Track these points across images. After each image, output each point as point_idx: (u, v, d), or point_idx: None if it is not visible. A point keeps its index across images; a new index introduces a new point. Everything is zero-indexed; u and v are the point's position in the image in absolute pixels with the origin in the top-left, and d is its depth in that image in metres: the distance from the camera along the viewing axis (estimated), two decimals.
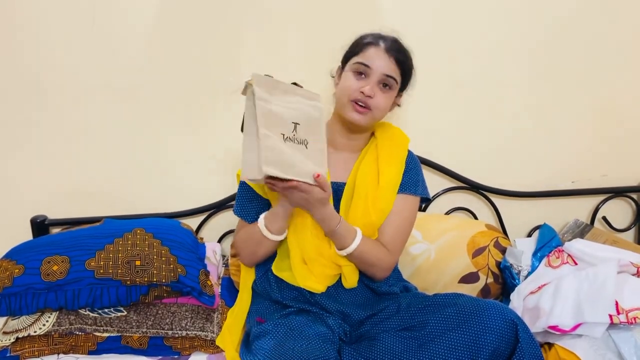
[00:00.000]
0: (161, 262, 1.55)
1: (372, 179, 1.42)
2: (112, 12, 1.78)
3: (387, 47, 1.39)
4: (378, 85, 1.38)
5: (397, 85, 1.41)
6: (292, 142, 1.24)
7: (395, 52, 1.38)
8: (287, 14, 1.84)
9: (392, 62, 1.38)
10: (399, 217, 1.44)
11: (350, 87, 1.38)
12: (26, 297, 1.50)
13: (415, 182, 1.47)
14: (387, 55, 1.38)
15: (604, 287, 1.49)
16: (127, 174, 1.90)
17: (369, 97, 1.36)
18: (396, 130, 1.52)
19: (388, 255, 1.42)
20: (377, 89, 1.38)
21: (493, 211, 2.06)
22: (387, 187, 1.42)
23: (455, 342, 1.23)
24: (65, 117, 1.83)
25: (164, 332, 1.53)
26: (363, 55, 1.39)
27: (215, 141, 1.90)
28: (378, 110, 1.39)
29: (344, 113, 1.40)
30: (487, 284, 1.80)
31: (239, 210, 1.47)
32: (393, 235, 1.44)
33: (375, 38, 1.41)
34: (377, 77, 1.37)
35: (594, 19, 1.96)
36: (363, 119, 1.39)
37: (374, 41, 1.40)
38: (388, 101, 1.40)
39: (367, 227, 1.40)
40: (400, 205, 1.45)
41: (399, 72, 1.40)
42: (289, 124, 1.24)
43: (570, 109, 2.03)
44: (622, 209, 2.15)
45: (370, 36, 1.42)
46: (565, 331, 1.46)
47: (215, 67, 1.86)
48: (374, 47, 1.39)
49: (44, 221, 1.86)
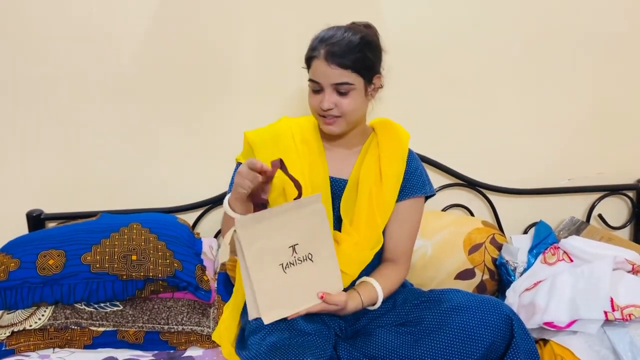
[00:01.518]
0: (157, 256, 1.55)
1: (375, 177, 1.41)
2: (109, 8, 1.77)
3: (328, 54, 1.28)
4: (335, 92, 1.32)
5: (357, 83, 1.32)
6: (294, 265, 1.20)
7: (337, 58, 1.28)
8: (285, 11, 1.84)
9: (336, 68, 1.28)
10: (411, 224, 1.44)
11: (312, 105, 1.36)
12: (22, 291, 1.50)
13: (422, 183, 1.46)
14: (328, 65, 1.29)
15: (599, 284, 1.50)
16: (124, 169, 1.89)
17: (330, 109, 1.32)
18: (396, 126, 1.51)
19: (403, 272, 1.44)
20: (335, 97, 1.32)
21: (489, 208, 2.07)
22: (390, 186, 1.40)
23: (451, 337, 1.23)
24: (63, 111, 1.83)
25: (160, 326, 1.53)
26: (312, 70, 1.33)
27: (212, 136, 1.90)
28: (349, 114, 1.34)
29: (320, 126, 1.39)
30: (483, 280, 1.81)
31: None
32: (405, 244, 1.44)
33: (318, 44, 1.32)
34: (330, 88, 1.31)
35: (590, 16, 1.97)
36: (338, 128, 1.36)
37: (314, 52, 1.31)
38: (354, 100, 1.33)
39: (372, 228, 1.38)
40: (410, 212, 1.44)
41: (350, 72, 1.30)
42: (286, 250, 1.19)
43: (567, 106, 2.03)
44: (617, 207, 2.15)
45: (315, 42, 1.34)
46: (561, 327, 1.46)
47: (213, 64, 1.85)
48: (316, 59, 1.31)
49: (40, 215, 1.85)
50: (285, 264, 1.20)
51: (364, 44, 1.31)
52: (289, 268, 1.20)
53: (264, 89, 1.88)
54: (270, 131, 1.43)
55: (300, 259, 1.21)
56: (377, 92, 1.42)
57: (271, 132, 1.43)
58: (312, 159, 1.40)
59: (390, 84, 1.89)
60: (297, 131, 1.42)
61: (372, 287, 1.36)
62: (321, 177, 1.40)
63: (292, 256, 1.20)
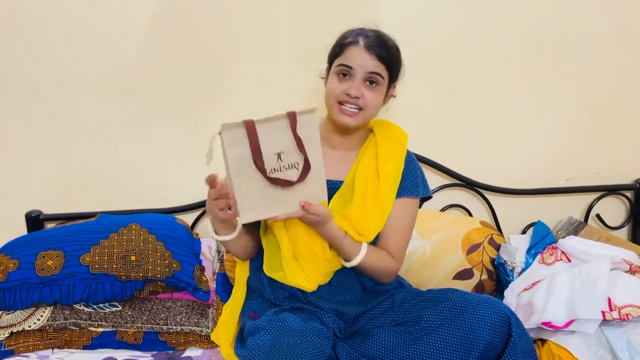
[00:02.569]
0: (156, 257, 1.55)
1: (372, 177, 1.41)
2: (106, 8, 1.77)
3: (368, 44, 1.35)
4: (364, 83, 1.36)
5: (385, 80, 1.38)
6: (278, 172, 1.21)
7: (377, 48, 1.35)
8: (282, 9, 1.84)
9: (374, 58, 1.35)
10: (401, 222, 1.45)
11: (336, 90, 1.36)
12: (21, 291, 1.50)
13: (416, 185, 1.47)
14: (368, 53, 1.34)
15: (596, 284, 1.50)
16: (122, 169, 1.89)
17: (357, 98, 1.35)
18: (395, 127, 1.51)
19: (393, 263, 1.43)
20: (363, 88, 1.35)
21: (488, 208, 2.07)
22: (387, 184, 1.41)
23: (449, 337, 1.24)
24: (61, 112, 1.83)
25: (158, 327, 1.53)
26: (344, 56, 1.37)
27: (211, 137, 1.90)
28: (369, 109, 1.37)
29: (334, 116, 1.39)
30: (481, 280, 1.81)
31: None
32: (397, 241, 1.44)
33: (355, 36, 1.37)
34: (361, 76, 1.35)
35: (588, 17, 1.97)
36: (354, 121, 1.37)
37: (354, 40, 1.36)
38: (378, 97, 1.38)
39: (363, 223, 1.39)
40: (402, 210, 1.44)
41: (384, 67, 1.36)
42: (271, 156, 1.20)
43: (565, 106, 2.04)
44: (615, 207, 2.16)
45: (351, 34, 1.39)
46: (558, 327, 1.47)
47: (211, 63, 1.85)
48: (354, 46, 1.35)
49: (39, 216, 1.85)
50: (270, 170, 1.21)
51: (397, 49, 1.41)
52: (273, 174, 1.21)
53: (263, 88, 1.88)
54: None
55: (286, 167, 1.22)
56: (390, 99, 1.47)
57: None
58: None
59: None
60: None
61: (359, 243, 1.37)
62: None
63: (277, 162, 1.21)
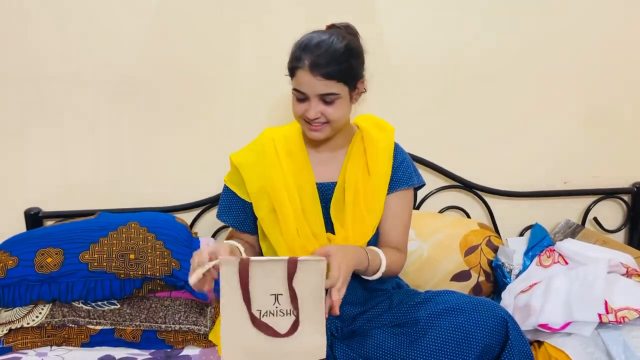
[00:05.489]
0: (155, 255, 1.55)
1: (362, 174, 1.41)
2: (108, 10, 1.78)
3: (313, 64, 1.26)
4: (321, 102, 1.30)
5: (343, 90, 1.30)
6: (273, 316, 1.12)
7: (322, 68, 1.26)
8: (283, 12, 1.84)
9: (322, 78, 1.27)
10: (401, 215, 1.45)
11: (297, 111, 1.35)
12: (20, 288, 1.50)
13: (409, 175, 1.47)
14: (313, 76, 1.27)
15: (593, 287, 1.51)
16: (122, 168, 1.90)
17: (317, 118, 1.32)
18: (380, 121, 1.50)
19: (402, 256, 1.45)
20: (321, 106, 1.31)
21: (486, 210, 2.08)
22: (378, 178, 1.41)
23: (446, 339, 1.24)
24: (61, 110, 1.83)
25: (157, 325, 1.54)
26: (295, 79, 1.32)
27: (210, 136, 1.90)
28: (335, 121, 1.34)
29: (305, 133, 1.38)
30: (478, 282, 1.82)
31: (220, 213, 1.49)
32: (400, 234, 1.45)
33: (301, 53, 1.29)
34: (315, 98, 1.30)
35: (586, 21, 1.98)
36: (323, 134, 1.36)
37: (299, 62, 1.29)
38: (340, 108, 1.33)
39: (360, 223, 1.39)
40: (400, 203, 1.45)
41: (335, 82, 1.28)
42: (266, 297, 1.11)
43: (563, 110, 2.05)
44: (613, 210, 2.17)
45: (297, 51, 1.31)
46: (555, 329, 1.47)
47: (211, 64, 1.86)
48: (300, 69, 1.28)
49: (38, 213, 1.85)
50: (263, 313, 1.12)
51: (348, 53, 1.29)
52: (266, 317, 1.12)
53: (262, 89, 1.89)
54: (254, 149, 1.44)
55: (282, 312, 1.13)
56: (361, 95, 1.41)
57: (255, 150, 1.43)
58: (297, 171, 1.40)
59: (388, 85, 1.90)
60: (280, 144, 1.42)
61: (377, 255, 1.36)
62: (308, 187, 1.40)
63: (273, 305, 1.12)
